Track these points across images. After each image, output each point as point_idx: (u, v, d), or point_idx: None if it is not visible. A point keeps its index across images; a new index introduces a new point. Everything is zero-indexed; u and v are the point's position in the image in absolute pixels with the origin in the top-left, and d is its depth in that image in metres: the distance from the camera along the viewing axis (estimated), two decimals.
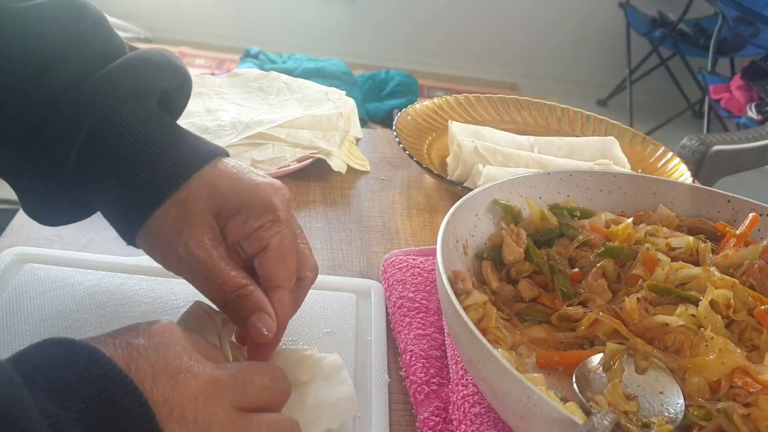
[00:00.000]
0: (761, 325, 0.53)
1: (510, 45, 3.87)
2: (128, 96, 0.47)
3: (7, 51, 0.46)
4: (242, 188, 0.47)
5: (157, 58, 0.50)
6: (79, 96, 0.46)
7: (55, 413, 0.31)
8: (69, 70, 0.46)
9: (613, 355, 0.51)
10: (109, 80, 0.47)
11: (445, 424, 0.51)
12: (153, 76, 0.49)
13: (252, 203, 0.46)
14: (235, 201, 0.46)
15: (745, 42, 3.01)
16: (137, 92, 0.48)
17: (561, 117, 1.06)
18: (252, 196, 0.47)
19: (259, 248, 0.47)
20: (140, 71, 0.48)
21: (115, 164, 0.46)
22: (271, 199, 0.47)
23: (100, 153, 0.46)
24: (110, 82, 0.47)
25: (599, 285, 0.57)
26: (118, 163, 0.46)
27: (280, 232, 0.47)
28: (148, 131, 0.47)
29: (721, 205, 0.68)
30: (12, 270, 0.59)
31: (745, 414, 0.46)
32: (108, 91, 0.46)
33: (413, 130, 0.96)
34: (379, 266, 0.69)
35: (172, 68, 0.51)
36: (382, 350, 0.58)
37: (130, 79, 0.47)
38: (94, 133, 0.46)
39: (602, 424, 0.41)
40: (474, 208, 0.62)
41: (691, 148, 1.49)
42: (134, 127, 0.47)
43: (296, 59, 3.26)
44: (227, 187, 0.47)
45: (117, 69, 0.47)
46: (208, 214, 0.46)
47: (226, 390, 0.38)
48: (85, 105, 0.46)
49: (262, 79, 1.00)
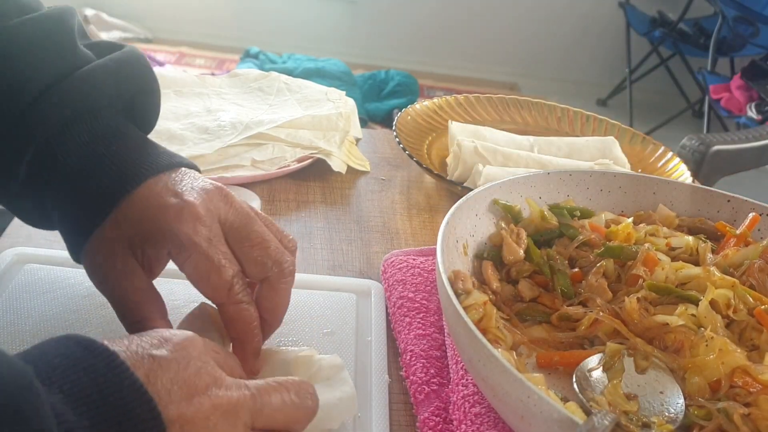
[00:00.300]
0: (761, 325, 0.53)
1: (510, 45, 3.87)
2: (71, 120, 0.48)
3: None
4: (151, 215, 0.46)
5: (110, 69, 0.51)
6: (27, 120, 0.48)
7: (69, 419, 0.31)
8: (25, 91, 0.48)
9: (613, 355, 0.51)
10: (49, 105, 0.48)
11: (445, 424, 0.51)
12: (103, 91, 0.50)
13: (157, 232, 0.46)
14: (145, 229, 0.46)
15: (745, 42, 3.01)
16: (79, 115, 0.49)
17: (561, 117, 1.06)
18: (156, 223, 0.46)
19: (184, 274, 0.47)
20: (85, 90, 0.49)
21: (55, 190, 0.48)
22: (175, 226, 0.45)
23: (43, 175, 0.48)
24: (49, 108, 0.48)
25: (599, 285, 0.57)
26: (56, 189, 0.48)
27: (189, 257, 0.46)
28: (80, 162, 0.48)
29: (721, 205, 0.68)
30: (12, 270, 0.59)
31: (745, 414, 0.46)
32: (48, 118, 0.48)
33: (413, 130, 0.96)
34: (379, 266, 0.69)
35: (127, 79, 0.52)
36: (382, 350, 0.58)
37: (71, 103, 0.48)
38: (38, 156, 0.48)
39: (602, 424, 0.41)
40: (474, 208, 0.62)
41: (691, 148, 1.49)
42: (68, 158, 0.48)
43: (296, 59, 3.26)
44: (138, 216, 0.47)
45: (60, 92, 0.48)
46: (120, 245, 0.47)
47: (241, 410, 0.38)
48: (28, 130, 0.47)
49: (262, 80, 1.00)
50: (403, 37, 3.85)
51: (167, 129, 0.84)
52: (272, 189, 0.82)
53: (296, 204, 0.80)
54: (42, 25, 0.50)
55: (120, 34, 3.67)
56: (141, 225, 0.46)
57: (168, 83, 0.95)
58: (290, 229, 0.75)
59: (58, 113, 0.48)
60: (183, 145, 0.81)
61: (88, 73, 0.50)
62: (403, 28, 3.83)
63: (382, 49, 3.84)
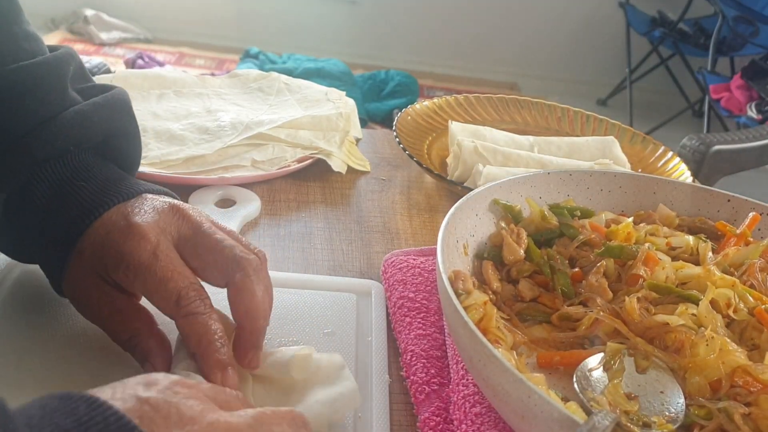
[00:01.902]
0: (762, 325, 0.53)
1: (510, 45, 3.87)
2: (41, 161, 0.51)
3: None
4: (104, 244, 0.48)
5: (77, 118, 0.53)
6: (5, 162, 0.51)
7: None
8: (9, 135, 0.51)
9: (613, 355, 0.51)
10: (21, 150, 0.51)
11: (445, 424, 0.51)
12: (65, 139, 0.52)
13: (108, 259, 0.48)
14: (100, 259, 0.48)
15: (745, 41, 3.01)
16: (48, 157, 0.51)
17: (561, 117, 1.06)
18: (109, 251, 0.48)
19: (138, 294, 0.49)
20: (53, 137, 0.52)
21: (27, 229, 0.51)
22: (120, 249, 0.47)
23: (18, 217, 0.51)
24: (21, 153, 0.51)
25: (599, 285, 0.57)
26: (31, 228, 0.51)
27: (137, 276, 0.47)
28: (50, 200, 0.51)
29: (721, 205, 0.68)
30: (10, 273, 0.59)
31: (745, 413, 0.46)
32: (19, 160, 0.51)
33: (413, 130, 0.96)
34: (380, 266, 0.69)
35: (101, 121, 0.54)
36: (382, 350, 0.58)
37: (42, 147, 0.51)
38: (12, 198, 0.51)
39: (603, 424, 0.41)
40: (474, 208, 0.62)
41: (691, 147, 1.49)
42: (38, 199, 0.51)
43: (296, 59, 3.26)
44: (93, 248, 0.49)
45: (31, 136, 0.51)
46: (90, 275, 0.49)
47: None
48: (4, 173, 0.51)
49: (262, 80, 1.00)
50: (403, 37, 3.85)
51: (167, 129, 0.84)
52: (272, 189, 0.82)
53: (296, 204, 0.80)
54: (35, 71, 0.53)
55: (120, 34, 3.67)
56: (101, 253, 0.48)
57: (168, 83, 0.95)
58: (290, 229, 0.75)
59: (32, 156, 0.51)
60: (183, 146, 0.81)
61: (63, 118, 0.52)
62: (403, 28, 3.83)
63: (382, 49, 3.84)
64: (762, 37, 2.93)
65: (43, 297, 0.56)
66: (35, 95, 0.52)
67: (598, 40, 3.82)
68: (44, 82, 0.53)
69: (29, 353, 0.51)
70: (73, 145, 0.53)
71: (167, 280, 0.46)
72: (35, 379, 0.49)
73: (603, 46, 3.83)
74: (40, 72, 0.53)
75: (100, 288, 0.49)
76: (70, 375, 0.49)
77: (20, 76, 0.52)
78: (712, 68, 3.10)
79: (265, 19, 3.78)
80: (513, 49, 3.88)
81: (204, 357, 0.45)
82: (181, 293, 0.46)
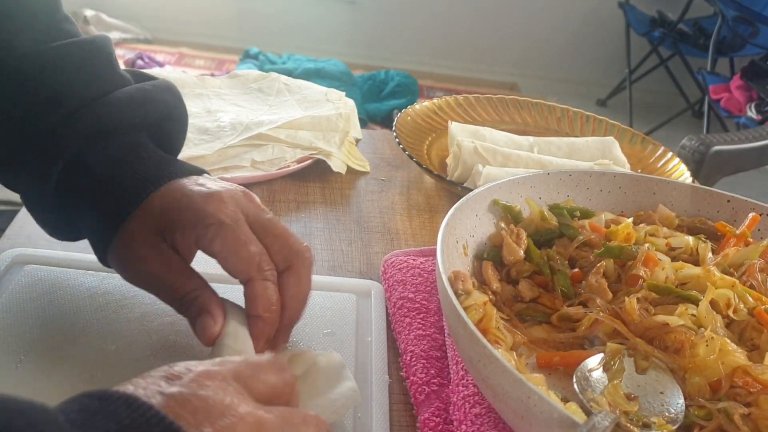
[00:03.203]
0: (761, 325, 0.53)
1: (510, 45, 3.87)
2: (97, 135, 0.52)
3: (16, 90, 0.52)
4: (177, 206, 0.50)
5: (135, 96, 0.55)
6: (58, 136, 0.52)
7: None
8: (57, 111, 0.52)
9: (613, 355, 0.51)
10: (80, 123, 0.52)
11: (445, 425, 0.51)
12: (128, 113, 0.54)
13: (184, 218, 0.49)
14: (170, 219, 0.50)
15: (745, 42, 3.01)
16: (105, 131, 0.52)
17: (561, 117, 1.06)
18: (185, 212, 0.49)
19: (213, 255, 0.49)
20: (113, 111, 0.53)
21: (82, 199, 0.52)
22: (202, 208, 0.49)
23: (71, 187, 0.52)
24: (80, 125, 0.52)
25: (599, 285, 0.57)
26: (83, 199, 0.52)
27: (217, 234, 0.48)
28: (107, 170, 0.52)
29: (721, 205, 0.68)
30: (12, 271, 0.59)
31: (745, 414, 0.46)
32: (77, 133, 0.52)
33: (413, 130, 0.96)
34: (379, 267, 0.69)
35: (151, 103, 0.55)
36: (382, 351, 0.58)
37: (97, 121, 0.52)
38: (67, 169, 0.52)
39: (603, 424, 0.41)
40: (474, 208, 0.62)
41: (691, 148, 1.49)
42: (95, 167, 0.52)
43: (296, 60, 3.26)
44: (164, 208, 0.50)
45: (87, 111, 0.52)
46: (149, 234, 0.50)
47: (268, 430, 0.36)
48: (59, 145, 0.51)
49: (262, 80, 1.00)
50: (402, 37, 3.85)
51: None
52: (272, 190, 0.82)
53: (296, 204, 0.80)
54: (84, 47, 0.55)
55: (120, 34, 3.67)
56: (167, 215, 0.50)
57: None
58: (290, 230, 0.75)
59: (89, 128, 0.52)
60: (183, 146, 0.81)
61: (123, 94, 0.54)
62: (402, 29, 3.83)
63: (381, 49, 3.84)
64: (762, 37, 2.93)
65: (44, 297, 0.56)
66: (87, 70, 0.54)
67: (597, 41, 3.82)
68: (94, 57, 0.55)
69: (29, 353, 0.51)
70: (128, 122, 0.54)
71: (249, 243, 0.49)
72: (35, 379, 0.49)
73: (603, 46, 3.82)
74: (89, 48, 0.55)
75: (158, 246, 0.50)
76: (70, 375, 0.49)
77: (70, 50, 0.54)
78: (712, 69, 3.10)
79: (265, 20, 3.78)
80: (513, 50, 3.88)
81: (270, 321, 0.49)
82: (263, 257, 0.49)
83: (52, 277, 0.59)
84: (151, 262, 0.50)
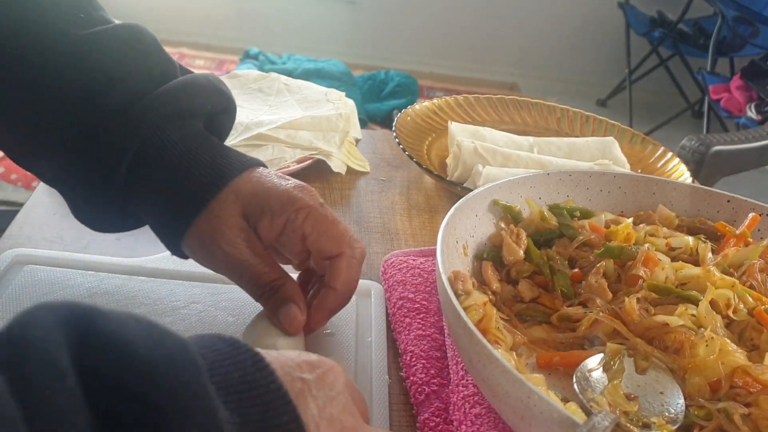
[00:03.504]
0: (761, 325, 0.53)
1: (510, 45, 3.87)
2: (173, 117, 0.52)
3: (71, 72, 0.50)
4: (264, 192, 0.51)
5: (202, 83, 0.55)
6: (130, 116, 0.50)
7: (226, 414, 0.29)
8: (124, 92, 0.51)
9: (613, 355, 0.51)
10: (157, 102, 0.51)
11: (445, 425, 0.51)
12: (198, 99, 0.54)
13: (273, 203, 0.51)
14: (258, 204, 0.51)
15: (745, 42, 3.01)
16: (181, 114, 0.52)
17: (560, 117, 1.06)
18: (271, 198, 0.51)
19: (300, 239, 0.51)
20: (184, 95, 0.53)
21: (158, 180, 0.51)
22: (291, 194, 0.51)
23: (146, 168, 0.51)
24: (157, 104, 0.51)
25: (599, 285, 0.57)
26: (160, 178, 0.51)
27: (308, 215, 0.51)
28: (187, 150, 0.52)
29: (720, 205, 0.68)
30: (12, 272, 0.59)
31: (745, 414, 0.46)
32: (155, 112, 0.51)
33: (413, 130, 0.96)
34: (379, 267, 0.69)
35: (217, 93, 0.56)
36: (382, 351, 0.58)
37: (174, 102, 0.52)
38: (143, 149, 0.51)
39: (602, 425, 0.41)
40: (474, 208, 0.62)
41: (690, 148, 1.49)
42: (175, 146, 0.51)
43: (296, 60, 3.26)
44: (249, 193, 0.51)
45: (164, 92, 0.52)
46: (237, 217, 0.51)
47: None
48: (134, 125, 0.50)
49: (262, 80, 1.00)
50: (402, 37, 3.85)
51: None
52: None
53: None
54: (132, 31, 0.55)
55: None
56: (254, 199, 0.51)
57: None
58: None
59: (164, 109, 0.51)
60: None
61: (192, 79, 0.54)
62: (402, 29, 3.83)
63: (381, 49, 3.84)
64: (761, 37, 2.93)
65: (44, 297, 0.56)
66: (141, 51, 0.54)
67: (597, 41, 3.82)
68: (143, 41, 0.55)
69: None
70: (199, 108, 0.54)
71: (337, 222, 0.52)
72: None
73: (602, 46, 3.82)
74: (135, 32, 0.55)
75: (247, 232, 0.51)
76: None
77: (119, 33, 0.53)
78: (712, 69, 3.10)
79: (265, 20, 3.78)
80: (513, 50, 3.88)
81: (341, 296, 0.53)
82: (351, 235, 0.53)
83: (52, 277, 0.59)
84: (241, 248, 0.50)
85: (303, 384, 0.33)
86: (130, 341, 0.27)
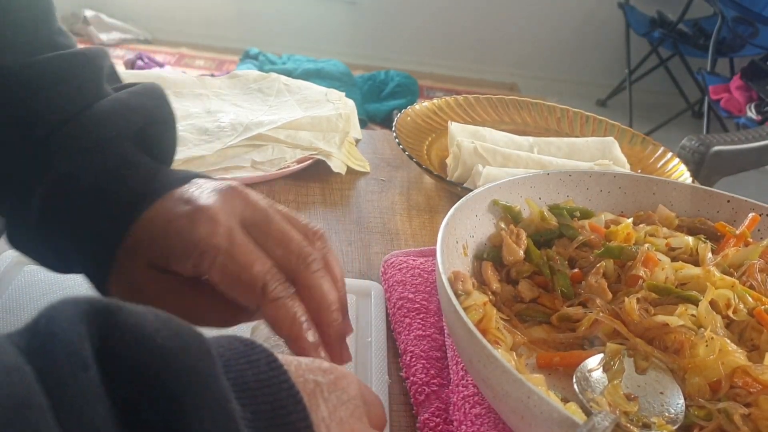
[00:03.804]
0: (761, 325, 0.53)
1: (510, 45, 3.87)
2: (90, 148, 0.48)
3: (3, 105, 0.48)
4: (162, 233, 0.44)
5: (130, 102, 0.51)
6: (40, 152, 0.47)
7: (238, 408, 0.30)
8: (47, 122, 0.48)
9: (613, 356, 0.51)
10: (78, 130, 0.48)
11: (445, 425, 0.51)
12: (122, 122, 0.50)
13: (174, 246, 0.43)
14: (158, 249, 0.44)
15: (745, 42, 3.01)
16: (88, 147, 0.48)
17: (560, 117, 1.06)
18: (171, 238, 0.44)
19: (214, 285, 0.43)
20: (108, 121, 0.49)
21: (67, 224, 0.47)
22: (193, 233, 0.43)
23: (56, 213, 0.47)
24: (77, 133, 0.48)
25: (599, 285, 0.57)
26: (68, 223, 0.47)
27: (213, 262, 0.42)
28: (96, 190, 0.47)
29: (720, 205, 0.68)
30: (11, 273, 0.59)
31: (745, 414, 0.46)
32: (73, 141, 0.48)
33: (413, 130, 0.96)
34: (379, 267, 0.69)
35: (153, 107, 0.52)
36: (382, 351, 0.58)
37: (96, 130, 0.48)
38: (53, 189, 0.47)
39: (602, 425, 0.41)
40: (474, 208, 0.62)
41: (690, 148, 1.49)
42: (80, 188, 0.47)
43: (296, 60, 3.26)
44: (149, 238, 0.45)
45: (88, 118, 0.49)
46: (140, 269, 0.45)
47: None
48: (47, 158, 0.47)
49: (262, 81, 1.00)
50: (402, 37, 3.85)
51: None
52: (272, 190, 0.82)
53: (296, 205, 0.80)
54: (71, 61, 0.51)
55: (119, 35, 3.67)
56: (156, 243, 0.44)
57: (167, 84, 0.95)
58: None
59: (71, 146, 0.48)
60: (183, 147, 0.81)
61: (101, 106, 0.50)
62: (402, 29, 3.83)
63: (381, 49, 3.84)
64: (761, 37, 2.93)
65: (44, 298, 0.56)
66: (72, 84, 0.50)
67: (597, 41, 3.83)
68: (81, 71, 0.51)
69: None
70: (113, 132, 0.49)
71: (250, 265, 0.42)
72: None
73: (602, 46, 3.83)
74: (76, 61, 0.51)
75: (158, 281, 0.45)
76: None
77: (57, 64, 0.50)
78: (712, 69, 3.10)
79: (265, 20, 3.78)
80: (512, 50, 3.88)
81: (298, 340, 0.43)
82: (267, 278, 0.42)
83: (52, 279, 0.59)
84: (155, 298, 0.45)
85: (315, 386, 0.34)
86: (148, 333, 0.28)
